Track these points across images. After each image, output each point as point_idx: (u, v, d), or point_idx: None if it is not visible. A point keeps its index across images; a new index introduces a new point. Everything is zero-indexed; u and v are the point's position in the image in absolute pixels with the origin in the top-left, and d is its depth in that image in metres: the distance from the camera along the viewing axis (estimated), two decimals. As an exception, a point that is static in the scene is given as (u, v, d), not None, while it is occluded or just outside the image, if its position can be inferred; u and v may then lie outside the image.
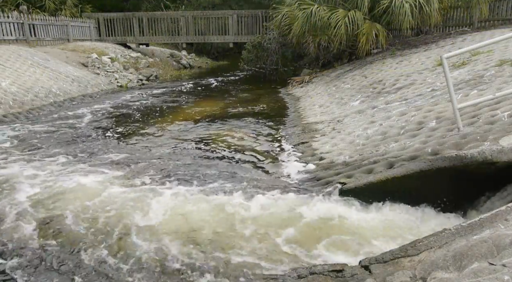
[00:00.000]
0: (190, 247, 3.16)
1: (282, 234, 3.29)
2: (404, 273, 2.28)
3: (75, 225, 3.51)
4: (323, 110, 7.55)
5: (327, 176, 4.24)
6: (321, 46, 11.06)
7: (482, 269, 1.98)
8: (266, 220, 3.51)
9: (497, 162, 3.13)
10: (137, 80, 13.52)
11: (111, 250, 3.12)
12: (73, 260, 3.02)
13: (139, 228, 3.44)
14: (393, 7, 9.38)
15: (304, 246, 3.12)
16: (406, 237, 3.09)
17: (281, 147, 5.80)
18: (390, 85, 7.25)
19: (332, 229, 3.33)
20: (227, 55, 24.05)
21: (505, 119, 3.80)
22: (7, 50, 10.78)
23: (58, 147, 5.88)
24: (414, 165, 3.57)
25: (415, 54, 9.13)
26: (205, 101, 10.28)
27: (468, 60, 6.66)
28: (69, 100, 9.80)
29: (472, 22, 11.26)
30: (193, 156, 5.47)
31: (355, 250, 3.04)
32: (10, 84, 8.81)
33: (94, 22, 16.81)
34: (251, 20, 15.93)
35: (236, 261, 2.96)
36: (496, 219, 2.43)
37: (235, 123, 7.42)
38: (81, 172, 4.74)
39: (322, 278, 2.52)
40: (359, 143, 4.91)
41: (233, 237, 3.29)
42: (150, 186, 4.30)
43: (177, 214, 3.67)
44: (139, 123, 7.65)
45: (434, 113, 4.78)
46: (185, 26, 16.59)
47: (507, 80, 4.94)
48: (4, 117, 7.63)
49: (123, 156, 5.43)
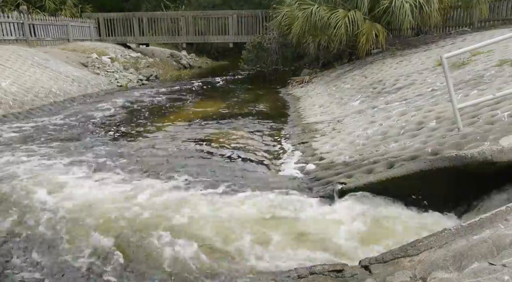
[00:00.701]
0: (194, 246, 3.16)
1: (281, 234, 3.29)
2: (404, 273, 2.28)
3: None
4: (323, 110, 7.55)
5: (327, 176, 4.24)
6: (321, 46, 11.07)
7: (482, 269, 1.98)
8: (265, 221, 3.51)
9: (497, 162, 3.13)
10: (137, 80, 13.51)
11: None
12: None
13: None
14: (393, 7, 9.37)
15: (303, 246, 3.12)
16: (406, 237, 3.08)
17: (281, 146, 5.80)
18: (390, 85, 7.25)
19: (332, 229, 3.33)
20: (227, 55, 24.03)
21: (505, 119, 3.80)
22: (7, 50, 10.78)
23: (59, 148, 5.88)
24: (414, 165, 3.57)
25: (415, 54, 9.13)
26: (205, 101, 10.28)
27: (468, 60, 6.65)
28: (69, 100, 9.80)
29: (472, 22, 11.27)
30: (192, 156, 5.46)
31: (355, 250, 3.03)
32: (10, 84, 8.81)
33: (94, 22, 16.81)
34: (251, 20, 15.94)
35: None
36: (496, 219, 2.43)
37: (235, 123, 7.41)
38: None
39: (322, 278, 2.52)
40: (359, 142, 4.91)
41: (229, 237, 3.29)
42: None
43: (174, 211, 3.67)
44: (140, 123, 7.65)
45: (434, 113, 4.77)
46: (185, 26, 16.59)
47: (507, 80, 4.94)
48: (4, 117, 7.63)
49: (129, 152, 5.44)
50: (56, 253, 3.19)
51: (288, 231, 3.34)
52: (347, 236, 3.21)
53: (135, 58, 15.68)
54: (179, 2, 23.02)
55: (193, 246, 3.15)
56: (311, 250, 3.07)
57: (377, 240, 3.12)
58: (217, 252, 3.11)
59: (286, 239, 3.23)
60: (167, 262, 3.00)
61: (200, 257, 3.03)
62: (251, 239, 3.22)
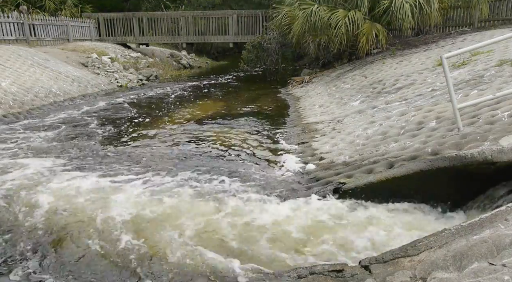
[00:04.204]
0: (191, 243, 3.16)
1: (280, 234, 3.29)
2: (404, 273, 2.28)
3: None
4: (323, 110, 7.55)
5: (327, 176, 4.24)
6: (321, 46, 11.07)
7: (482, 269, 1.98)
8: (264, 221, 3.50)
9: (497, 161, 3.13)
10: (137, 80, 13.52)
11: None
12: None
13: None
14: (393, 7, 9.38)
15: (303, 246, 3.11)
16: (406, 237, 3.08)
17: (281, 146, 5.80)
18: (390, 85, 7.25)
19: (331, 229, 3.33)
20: (227, 55, 24.06)
21: (505, 119, 3.80)
22: (7, 50, 10.78)
23: (59, 149, 5.88)
24: (414, 165, 3.57)
25: (415, 54, 9.13)
26: (205, 101, 10.28)
27: (468, 60, 6.66)
28: (69, 100, 9.80)
29: (472, 22, 11.27)
30: (191, 156, 5.46)
31: (354, 251, 3.03)
32: (10, 84, 8.81)
33: (94, 22, 16.81)
34: (251, 20, 15.94)
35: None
36: (496, 219, 2.43)
37: (235, 123, 7.41)
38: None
39: (322, 278, 2.52)
40: (359, 142, 4.91)
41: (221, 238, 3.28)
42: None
43: (174, 210, 3.67)
44: (141, 123, 7.65)
45: (434, 113, 4.78)
46: (185, 26, 16.59)
47: (507, 80, 4.94)
48: (4, 117, 7.63)
49: (127, 152, 5.44)
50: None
51: (287, 231, 3.34)
52: (345, 235, 3.21)
53: (135, 58, 15.68)
54: (179, 2, 23.02)
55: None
56: (306, 249, 3.07)
57: (376, 240, 3.13)
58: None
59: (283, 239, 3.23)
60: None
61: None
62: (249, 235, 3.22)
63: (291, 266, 2.87)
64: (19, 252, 3.15)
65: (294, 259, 2.98)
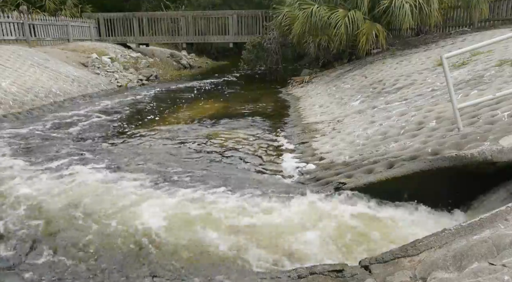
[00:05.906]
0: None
1: (280, 234, 3.29)
2: (404, 273, 2.28)
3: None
4: (323, 110, 7.55)
5: (327, 176, 4.24)
6: (321, 46, 11.06)
7: (482, 269, 1.98)
8: (264, 221, 3.50)
9: (497, 162, 3.13)
10: (137, 80, 13.52)
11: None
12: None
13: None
14: (393, 7, 9.37)
15: (301, 247, 3.11)
16: (405, 237, 3.08)
17: (281, 146, 5.80)
18: (390, 85, 7.25)
19: (331, 229, 3.32)
20: (227, 55, 24.02)
21: (505, 119, 3.80)
22: (7, 50, 10.78)
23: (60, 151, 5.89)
24: (414, 165, 3.57)
25: (415, 54, 9.13)
26: (205, 101, 10.28)
27: (468, 60, 6.65)
28: (69, 100, 9.80)
29: (472, 22, 11.26)
30: (191, 156, 5.46)
31: (353, 251, 3.03)
32: (10, 84, 8.81)
33: (94, 22, 16.80)
34: (251, 20, 15.93)
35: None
36: (496, 219, 2.43)
37: (235, 123, 7.41)
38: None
39: (322, 278, 2.52)
40: (359, 142, 4.91)
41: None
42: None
43: (176, 216, 3.67)
44: (141, 123, 7.65)
45: (434, 113, 4.77)
46: (185, 26, 16.59)
47: (507, 80, 4.93)
48: (4, 117, 7.63)
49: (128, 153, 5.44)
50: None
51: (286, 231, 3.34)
52: (344, 235, 3.21)
53: (135, 58, 15.68)
54: (179, 2, 23.00)
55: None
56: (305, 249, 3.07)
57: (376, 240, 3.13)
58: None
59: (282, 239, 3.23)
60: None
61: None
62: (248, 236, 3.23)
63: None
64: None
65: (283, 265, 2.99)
